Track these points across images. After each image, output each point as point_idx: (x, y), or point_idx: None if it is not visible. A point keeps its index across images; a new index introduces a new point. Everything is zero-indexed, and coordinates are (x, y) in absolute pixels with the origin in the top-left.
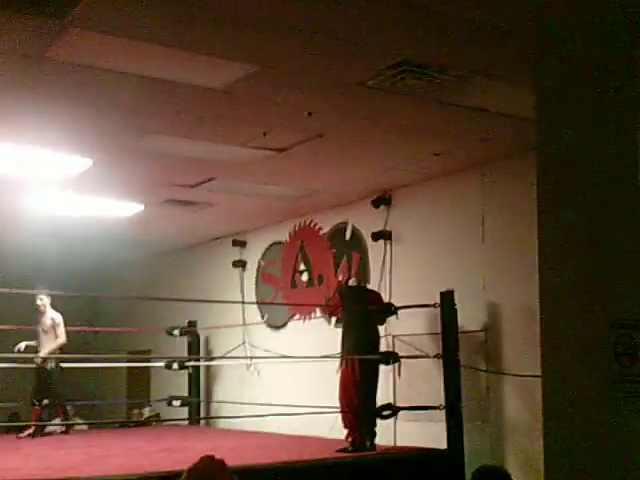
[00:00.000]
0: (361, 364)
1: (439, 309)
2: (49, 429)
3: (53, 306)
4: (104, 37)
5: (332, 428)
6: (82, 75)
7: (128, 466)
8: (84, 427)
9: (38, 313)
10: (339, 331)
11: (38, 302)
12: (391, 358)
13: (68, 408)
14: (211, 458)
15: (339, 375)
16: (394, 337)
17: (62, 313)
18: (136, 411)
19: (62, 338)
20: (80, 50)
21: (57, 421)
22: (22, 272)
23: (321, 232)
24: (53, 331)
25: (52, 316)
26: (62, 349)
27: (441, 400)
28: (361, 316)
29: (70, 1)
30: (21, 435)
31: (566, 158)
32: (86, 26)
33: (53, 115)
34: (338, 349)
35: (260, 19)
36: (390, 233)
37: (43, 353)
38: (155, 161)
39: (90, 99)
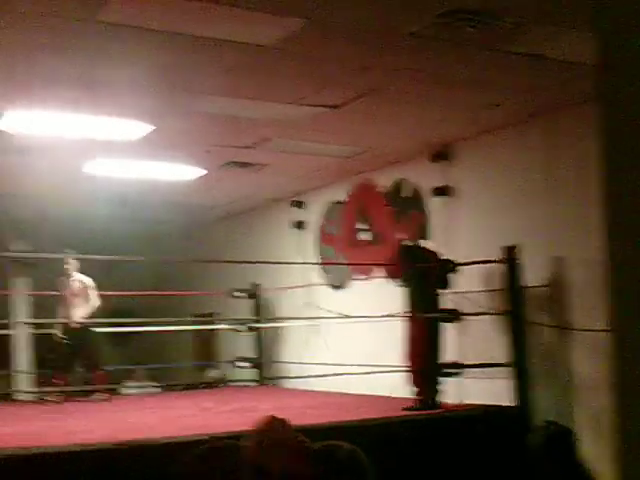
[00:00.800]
0: (423, 322)
1: (503, 265)
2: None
3: (120, 271)
4: None
5: (396, 387)
6: (133, 37)
7: (200, 426)
8: (156, 390)
9: (65, 277)
10: (402, 289)
11: (66, 266)
12: (455, 315)
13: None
14: (275, 418)
15: (403, 334)
16: (458, 294)
17: (126, 278)
18: (202, 374)
19: (95, 301)
20: (130, 11)
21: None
22: (85, 237)
23: (379, 189)
24: (83, 294)
25: (80, 279)
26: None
27: (507, 357)
28: (419, 274)
29: None
30: (94, 398)
31: (633, 108)
32: None
33: (108, 79)
34: (400, 308)
35: None
36: (450, 188)
37: (78, 316)
38: (211, 123)
39: (143, 62)
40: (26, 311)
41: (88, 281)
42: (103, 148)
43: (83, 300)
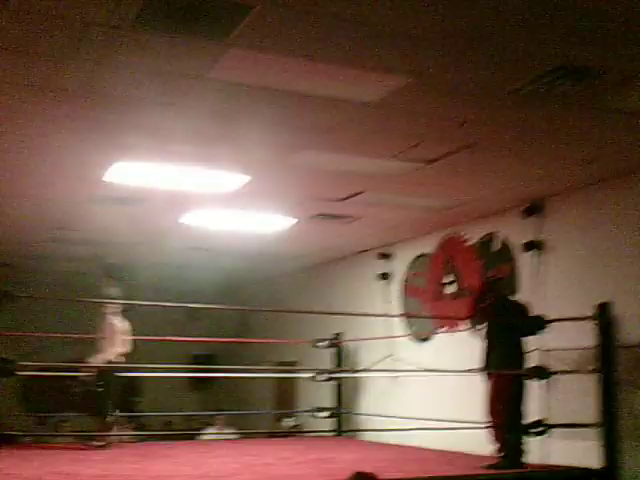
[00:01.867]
0: (508, 379)
1: (594, 322)
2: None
3: (207, 319)
4: (262, 55)
5: (479, 444)
6: (241, 93)
7: (280, 476)
8: (235, 436)
9: (101, 320)
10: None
11: (105, 310)
12: (542, 373)
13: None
14: (363, 474)
15: (486, 389)
16: (547, 351)
17: (214, 325)
18: (280, 422)
19: (121, 347)
20: (239, 69)
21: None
22: (178, 285)
23: (468, 243)
24: (110, 337)
25: (112, 322)
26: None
27: (595, 418)
28: (507, 329)
29: (232, 22)
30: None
31: None
32: (246, 45)
33: (213, 134)
34: (483, 360)
35: (413, 30)
36: (542, 243)
37: (99, 360)
38: (307, 176)
39: (248, 117)
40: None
41: (121, 325)
42: (200, 199)
43: (109, 343)
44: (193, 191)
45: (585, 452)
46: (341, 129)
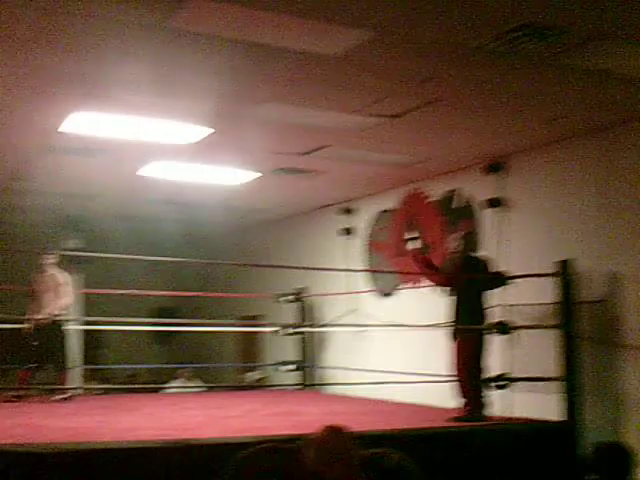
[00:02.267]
0: (471, 335)
1: (556, 279)
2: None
3: (168, 272)
4: (221, 5)
5: (442, 397)
6: (200, 44)
7: (247, 428)
8: (200, 389)
9: (40, 272)
10: (448, 299)
11: (43, 261)
12: (504, 328)
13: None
14: (334, 427)
15: (453, 345)
16: (510, 307)
17: (174, 278)
18: (245, 375)
19: (68, 299)
20: (198, 19)
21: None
22: (139, 237)
23: (431, 199)
24: (54, 290)
25: (54, 274)
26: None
27: (557, 372)
28: (471, 285)
29: None
30: (55, 398)
31: None
32: None
33: (174, 84)
34: (447, 317)
35: None
36: (504, 200)
37: (46, 313)
38: (270, 129)
39: (209, 68)
40: (77, 308)
41: (63, 277)
42: (161, 151)
43: (54, 296)
44: (154, 142)
45: (546, 405)
46: (304, 82)
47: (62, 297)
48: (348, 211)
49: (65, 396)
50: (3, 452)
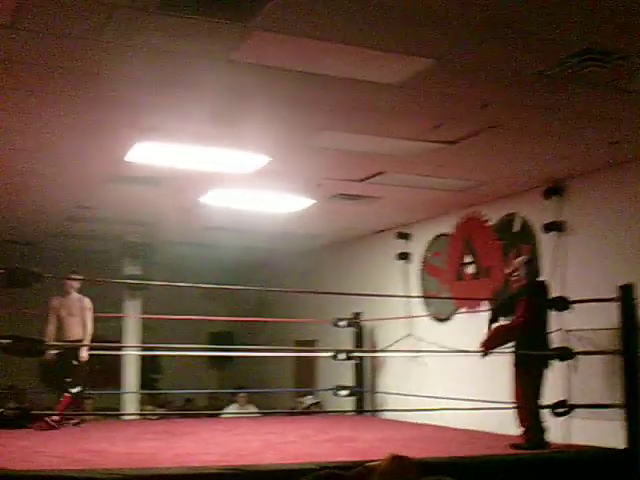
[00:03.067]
0: (532, 360)
1: (617, 303)
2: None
3: (226, 298)
4: (286, 38)
5: (501, 424)
6: (263, 75)
7: (304, 454)
8: (255, 414)
9: (64, 294)
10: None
11: (68, 285)
12: (565, 353)
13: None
14: (399, 456)
15: (513, 372)
16: (568, 332)
17: (232, 303)
18: (299, 400)
19: (90, 326)
20: (262, 51)
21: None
22: (198, 264)
23: (488, 224)
24: (80, 315)
25: (80, 299)
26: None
27: (618, 398)
28: (535, 312)
29: (256, 5)
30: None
31: None
32: (270, 28)
33: (235, 115)
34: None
35: (436, 12)
36: (563, 224)
37: (74, 337)
38: (328, 157)
39: (269, 98)
40: (136, 333)
41: (87, 302)
42: (221, 179)
43: (79, 321)
44: (214, 171)
45: (608, 433)
46: (362, 110)
47: (88, 322)
48: (405, 236)
49: (76, 421)
50: (67, 477)
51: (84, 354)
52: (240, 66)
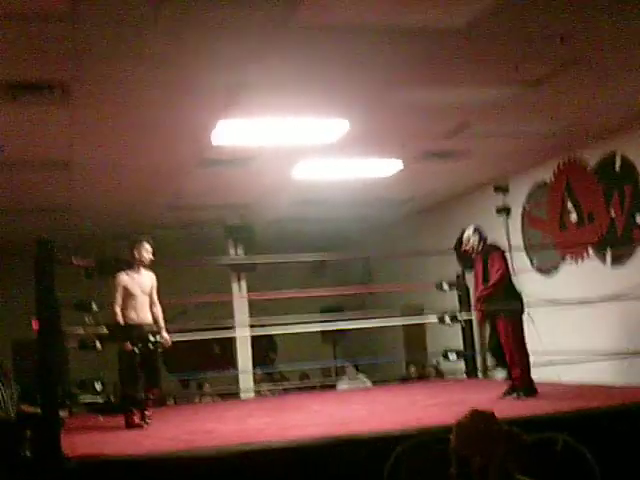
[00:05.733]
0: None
1: None
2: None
3: (330, 270)
4: None
5: (618, 374)
6: (326, 36)
7: (408, 420)
8: (368, 384)
9: (135, 269)
10: (616, 271)
11: (147, 255)
12: None
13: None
14: (476, 410)
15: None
16: None
17: (338, 277)
18: (413, 368)
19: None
20: (322, 11)
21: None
22: (297, 240)
23: (587, 167)
24: (150, 294)
25: (151, 276)
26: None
27: None
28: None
29: None
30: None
31: None
32: None
33: (309, 81)
34: (615, 290)
35: None
36: None
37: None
38: (407, 113)
39: (338, 59)
40: (245, 313)
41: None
42: (306, 151)
43: (149, 300)
44: (299, 144)
45: None
46: (434, 60)
47: (157, 302)
48: (502, 189)
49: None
50: (175, 458)
51: (167, 337)
52: (301, 29)
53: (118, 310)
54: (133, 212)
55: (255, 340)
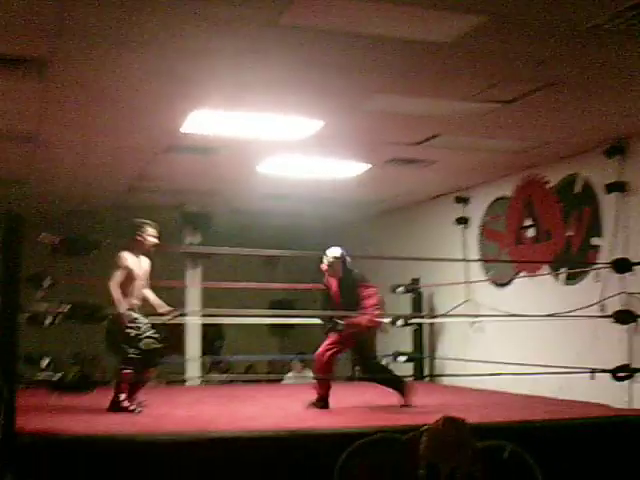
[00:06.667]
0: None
1: None
2: None
3: (284, 266)
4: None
5: (560, 389)
6: (312, 39)
7: (361, 419)
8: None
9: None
10: (567, 289)
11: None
12: (627, 317)
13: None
14: (452, 418)
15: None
16: (630, 294)
17: (291, 272)
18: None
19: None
20: (310, 14)
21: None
22: (255, 232)
23: (548, 185)
24: (146, 279)
25: (147, 261)
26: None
27: None
28: None
29: None
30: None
31: None
32: None
33: (286, 80)
34: (566, 307)
35: None
36: (626, 184)
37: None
38: (381, 120)
39: (320, 62)
40: (198, 301)
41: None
42: (275, 147)
43: (144, 285)
44: (268, 139)
45: None
46: (415, 71)
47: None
48: (463, 200)
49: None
50: (126, 440)
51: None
52: (288, 30)
53: (115, 282)
54: (92, 191)
55: (204, 328)
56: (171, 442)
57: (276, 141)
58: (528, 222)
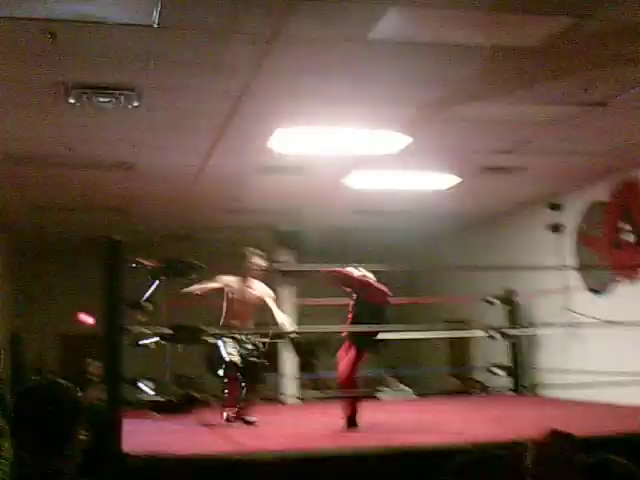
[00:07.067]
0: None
1: None
2: None
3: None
4: (421, 11)
5: None
6: (399, 52)
7: (460, 434)
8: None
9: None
10: None
11: (257, 266)
12: None
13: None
14: (558, 431)
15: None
16: None
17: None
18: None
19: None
20: (398, 28)
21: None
22: (343, 248)
23: None
24: (255, 304)
25: (263, 287)
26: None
27: None
28: None
29: None
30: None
31: None
32: (404, 2)
33: (373, 95)
34: None
35: None
36: None
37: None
38: (470, 129)
39: (406, 74)
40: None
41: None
42: (364, 162)
43: (252, 310)
44: (356, 154)
45: None
46: (502, 77)
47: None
48: (556, 206)
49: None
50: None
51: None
52: (376, 44)
53: (198, 286)
54: (187, 215)
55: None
56: (279, 460)
57: (364, 156)
58: (626, 226)
